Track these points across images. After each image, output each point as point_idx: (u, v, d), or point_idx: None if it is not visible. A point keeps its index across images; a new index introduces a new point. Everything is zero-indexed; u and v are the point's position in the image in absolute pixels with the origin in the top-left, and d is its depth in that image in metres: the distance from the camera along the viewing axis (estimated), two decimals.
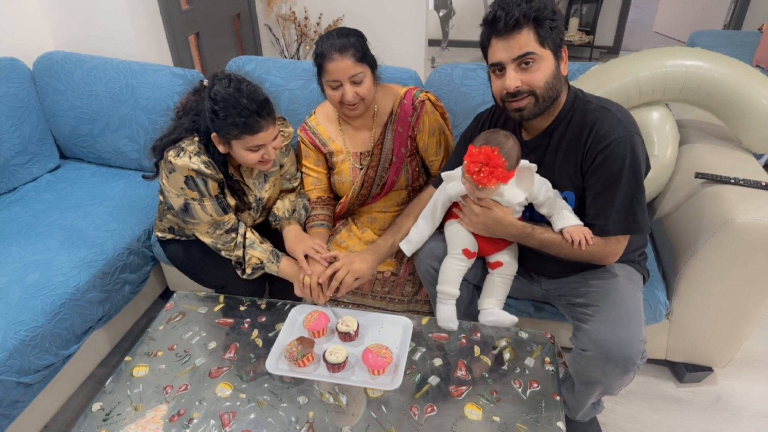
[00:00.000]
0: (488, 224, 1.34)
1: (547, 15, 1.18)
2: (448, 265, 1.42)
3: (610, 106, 1.27)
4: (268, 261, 1.51)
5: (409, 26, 3.28)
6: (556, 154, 1.32)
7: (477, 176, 1.22)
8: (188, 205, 1.44)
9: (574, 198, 1.32)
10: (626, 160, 1.21)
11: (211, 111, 1.35)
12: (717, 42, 3.07)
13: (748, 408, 1.68)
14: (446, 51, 4.93)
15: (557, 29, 1.21)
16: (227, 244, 1.50)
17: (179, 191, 1.42)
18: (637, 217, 1.25)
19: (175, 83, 2.03)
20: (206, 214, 1.45)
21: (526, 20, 1.17)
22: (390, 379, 1.22)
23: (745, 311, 1.52)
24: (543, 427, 1.12)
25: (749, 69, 1.61)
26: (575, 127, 1.28)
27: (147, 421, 1.16)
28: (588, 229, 1.28)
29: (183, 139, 1.43)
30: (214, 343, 1.37)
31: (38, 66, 2.12)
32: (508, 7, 1.18)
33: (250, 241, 1.52)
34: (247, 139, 1.37)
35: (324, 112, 1.70)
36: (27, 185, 2.06)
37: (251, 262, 1.51)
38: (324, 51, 1.47)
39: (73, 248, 1.69)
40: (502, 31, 1.20)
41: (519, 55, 1.20)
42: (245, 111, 1.33)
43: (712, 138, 1.75)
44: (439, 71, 1.91)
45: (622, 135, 1.21)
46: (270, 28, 3.56)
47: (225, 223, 1.49)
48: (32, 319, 1.46)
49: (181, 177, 1.39)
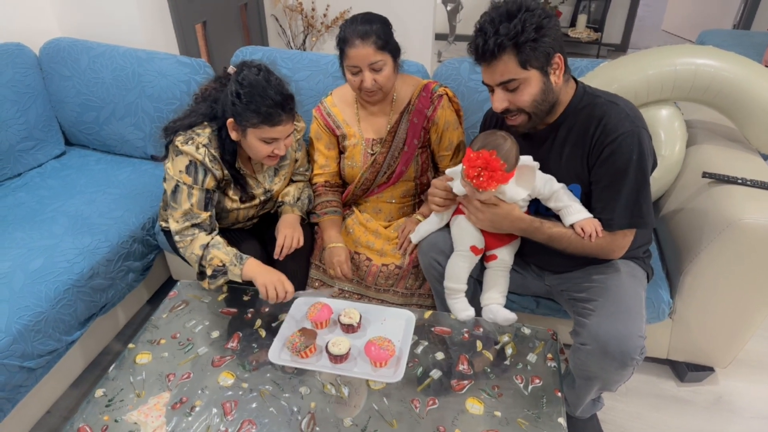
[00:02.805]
0: (494, 221, 1.34)
1: (526, 38, 1.16)
2: (456, 262, 1.42)
3: (618, 100, 1.27)
4: (230, 263, 1.41)
5: (417, 20, 3.27)
6: (563, 147, 1.31)
7: (477, 180, 1.22)
8: (177, 188, 1.43)
9: (580, 191, 1.32)
10: (633, 155, 1.21)
11: (235, 94, 1.35)
12: (726, 42, 3.05)
13: (749, 409, 1.68)
14: (453, 45, 4.90)
15: (541, 47, 1.18)
16: (185, 237, 1.44)
17: (177, 173, 1.42)
18: (643, 211, 1.26)
19: (181, 72, 2.02)
20: (188, 202, 1.43)
21: (502, 49, 1.18)
22: (392, 372, 1.22)
23: (748, 312, 1.52)
24: (544, 422, 1.13)
25: (760, 68, 1.59)
26: (583, 121, 1.28)
27: (149, 408, 1.16)
28: (598, 221, 1.28)
29: (197, 124, 1.43)
30: (217, 332, 1.37)
31: (45, 52, 2.12)
32: (485, 36, 1.19)
33: (215, 242, 1.44)
34: (265, 130, 1.36)
35: (341, 95, 1.69)
36: (32, 171, 2.06)
37: (213, 262, 1.42)
38: (347, 36, 1.47)
39: (77, 235, 1.70)
40: (482, 59, 1.23)
41: (501, 81, 1.23)
42: (269, 101, 1.34)
43: (720, 138, 1.74)
44: (447, 65, 1.90)
45: (629, 129, 1.21)
46: (277, 19, 3.55)
47: (196, 217, 1.44)
48: (36, 305, 1.46)
49: (186, 160, 1.40)
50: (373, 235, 1.67)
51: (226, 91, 1.39)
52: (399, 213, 1.74)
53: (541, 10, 1.20)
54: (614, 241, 1.29)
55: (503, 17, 1.18)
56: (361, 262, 1.65)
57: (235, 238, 1.57)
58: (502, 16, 1.18)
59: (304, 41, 3.59)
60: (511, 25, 1.16)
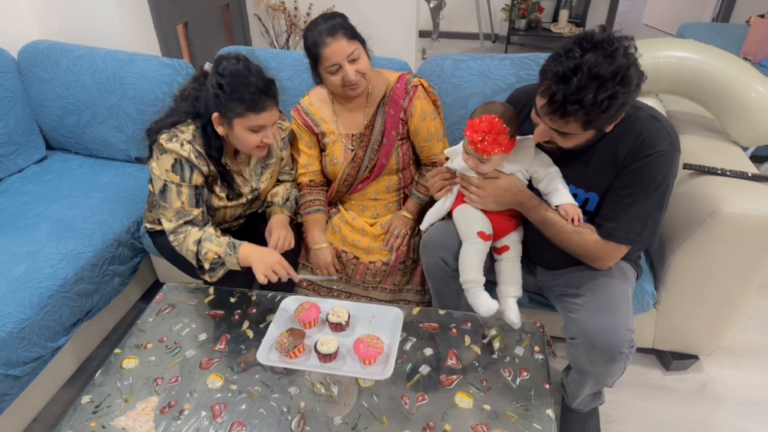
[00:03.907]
0: (497, 194, 1.32)
1: (605, 113, 1.08)
2: (467, 250, 1.38)
3: (659, 116, 1.23)
4: (225, 254, 1.42)
5: (400, 17, 3.27)
6: (592, 154, 1.27)
7: (481, 145, 1.21)
8: (166, 187, 1.41)
9: (597, 200, 1.30)
10: (659, 175, 1.19)
11: (217, 86, 1.34)
12: (705, 34, 3.09)
13: (733, 395, 1.71)
14: (437, 42, 4.91)
15: (611, 113, 1.10)
16: (178, 236, 1.44)
17: (163, 173, 1.41)
18: (645, 231, 1.24)
19: (163, 73, 2.00)
20: (178, 200, 1.42)
21: (572, 115, 1.10)
22: (381, 369, 1.23)
23: (731, 300, 1.54)
24: (533, 415, 1.14)
25: (740, 62, 1.62)
26: (620, 133, 1.22)
27: (137, 413, 1.15)
28: (581, 211, 1.28)
29: (180, 122, 1.42)
30: (205, 334, 1.36)
31: (23, 55, 2.09)
32: (563, 96, 1.07)
33: (207, 235, 1.44)
34: (251, 118, 1.35)
35: (317, 94, 1.70)
36: (13, 176, 2.03)
37: (208, 256, 1.42)
38: (316, 39, 1.47)
39: (60, 240, 1.68)
40: (547, 111, 1.14)
41: (558, 130, 1.17)
42: (252, 87, 1.33)
43: (700, 129, 1.76)
44: (430, 62, 1.90)
45: (667, 149, 1.19)
46: (260, 18, 3.53)
47: (188, 214, 1.44)
48: (20, 312, 1.45)
49: (171, 158, 1.39)
50: (359, 234, 1.67)
51: (206, 87, 1.38)
52: (385, 210, 1.74)
53: (638, 77, 1.09)
54: (604, 250, 1.28)
55: (592, 79, 1.05)
56: (348, 261, 1.65)
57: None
58: (592, 78, 1.05)
59: (288, 40, 3.57)
60: (598, 99, 1.06)
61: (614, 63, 1.05)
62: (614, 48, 1.06)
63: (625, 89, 1.07)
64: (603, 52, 1.06)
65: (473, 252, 1.38)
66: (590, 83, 1.06)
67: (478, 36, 4.92)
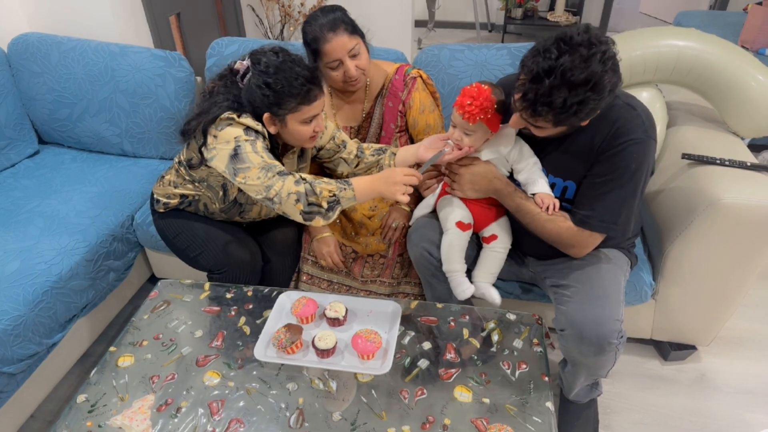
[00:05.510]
0: (474, 180, 1.35)
1: (574, 116, 1.11)
2: (446, 242, 1.43)
3: (636, 104, 1.24)
4: (339, 189, 1.28)
5: (395, 7, 3.23)
6: (570, 143, 1.28)
7: (468, 108, 1.25)
8: (239, 148, 1.26)
9: (575, 188, 1.31)
10: (633, 164, 1.20)
11: (264, 85, 1.27)
12: (703, 22, 3.07)
13: (731, 384, 1.71)
14: (433, 32, 4.87)
15: (580, 117, 1.12)
16: (271, 189, 1.25)
17: (232, 139, 1.27)
18: (620, 219, 1.25)
19: (156, 65, 1.98)
20: (257, 156, 1.27)
21: (543, 115, 1.13)
22: (380, 364, 1.22)
23: (729, 290, 1.54)
24: (532, 407, 1.13)
25: (740, 51, 1.60)
26: (598, 120, 1.22)
27: (134, 412, 1.14)
28: (558, 201, 1.30)
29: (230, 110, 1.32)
30: (201, 331, 1.35)
31: (13, 48, 2.05)
32: (534, 94, 1.09)
33: (311, 177, 1.30)
34: (304, 110, 1.30)
35: None
36: (5, 171, 2.00)
37: (323, 195, 1.26)
38: (316, 34, 1.44)
39: (54, 235, 1.66)
40: (522, 110, 1.16)
41: (531, 123, 1.19)
42: (300, 79, 1.27)
43: (699, 120, 1.75)
44: (426, 52, 1.88)
45: (641, 137, 1.19)
46: (253, 9, 3.48)
47: (274, 167, 1.27)
48: (14, 308, 1.43)
49: (241, 128, 1.29)
50: (357, 227, 1.66)
51: (248, 89, 1.29)
52: (383, 201, 1.73)
53: (612, 84, 1.09)
54: (580, 238, 1.29)
55: (564, 84, 1.06)
56: (347, 255, 1.64)
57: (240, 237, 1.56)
58: (564, 82, 1.06)
59: (282, 31, 3.53)
60: (567, 104, 1.07)
61: (588, 69, 1.05)
62: (591, 53, 1.06)
63: (597, 96, 1.08)
64: (579, 57, 1.05)
65: (452, 243, 1.42)
66: (562, 87, 1.06)
67: (475, 25, 4.89)
